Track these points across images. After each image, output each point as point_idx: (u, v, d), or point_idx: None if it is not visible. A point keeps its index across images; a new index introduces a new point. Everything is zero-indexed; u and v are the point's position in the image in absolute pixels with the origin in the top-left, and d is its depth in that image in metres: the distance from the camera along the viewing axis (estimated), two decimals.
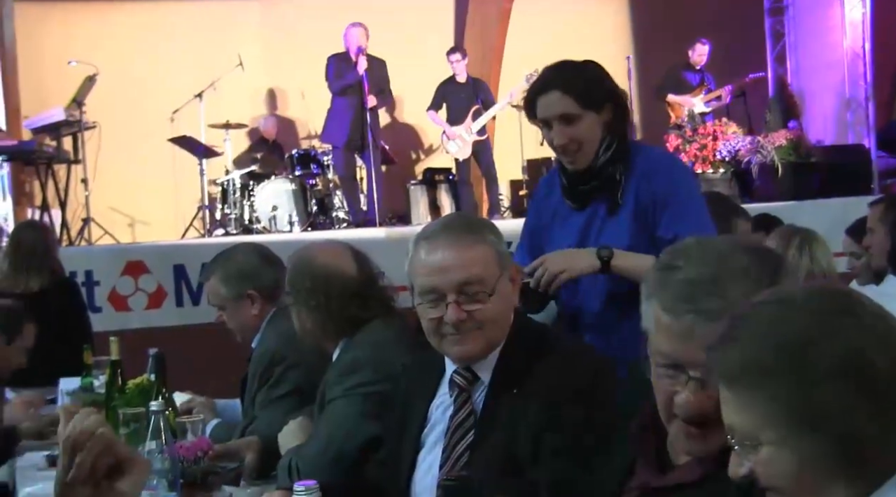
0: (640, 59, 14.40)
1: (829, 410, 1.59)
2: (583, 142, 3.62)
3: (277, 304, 4.35)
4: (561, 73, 3.68)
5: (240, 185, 11.71)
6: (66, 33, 12.70)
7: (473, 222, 2.98)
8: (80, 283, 9.01)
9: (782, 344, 1.63)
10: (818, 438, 1.60)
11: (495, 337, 2.84)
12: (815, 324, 1.64)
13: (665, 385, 2.06)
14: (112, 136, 11.56)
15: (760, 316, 1.69)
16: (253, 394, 4.23)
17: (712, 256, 2.06)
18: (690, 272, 2.04)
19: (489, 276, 2.81)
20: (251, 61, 12.78)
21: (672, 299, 2.02)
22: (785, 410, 1.61)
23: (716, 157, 11.64)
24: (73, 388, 4.88)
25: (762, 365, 1.63)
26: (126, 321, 9.14)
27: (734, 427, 1.68)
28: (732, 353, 1.67)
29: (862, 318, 1.65)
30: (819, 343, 1.61)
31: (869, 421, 1.59)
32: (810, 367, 1.60)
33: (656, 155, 3.78)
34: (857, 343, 1.61)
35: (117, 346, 4.07)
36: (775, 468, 1.64)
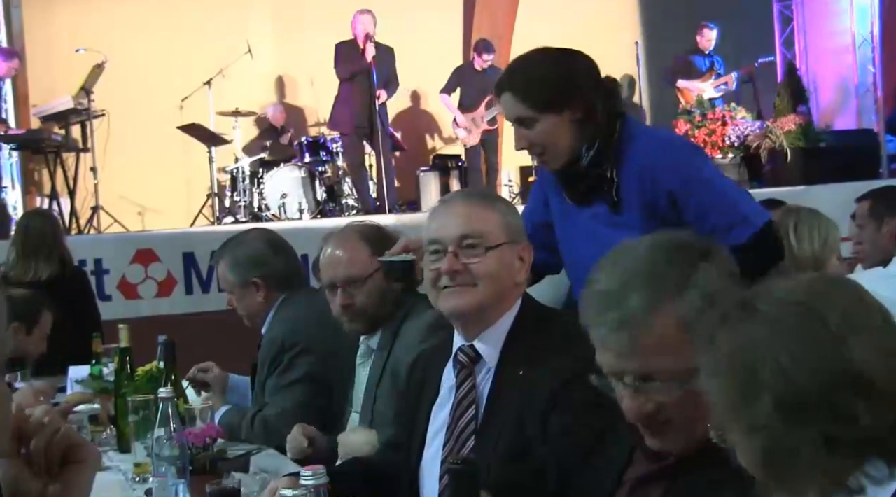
0: (649, 44, 14.35)
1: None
2: (544, 145, 3.44)
3: (285, 291, 4.37)
4: (511, 75, 3.51)
5: (249, 172, 11.72)
6: (73, 21, 12.67)
7: (489, 193, 3.08)
8: (89, 272, 9.02)
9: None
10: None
11: (489, 298, 2.85)
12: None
13: (619, 396, 2.11)
14: (121, 124, 11.56)
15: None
16: (263, 380, 4.25)
17: (620, 268, 2.11)
18: (600, 286, 2.11)
19: (490, 234, 2.86)
20: (260, 48, 12.79)
21: (590, 315, 2.11)
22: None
23: (725, 142, 11.62)
24: (83, 376, 4.89)
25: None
26: (136, 309, 9.15)
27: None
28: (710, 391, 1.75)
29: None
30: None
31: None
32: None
33: (654, 147, 3.48)
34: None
35: (127, 334, 4.08)
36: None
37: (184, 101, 12.24)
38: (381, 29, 11.50)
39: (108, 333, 5.10)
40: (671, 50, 13.46)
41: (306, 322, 4.22)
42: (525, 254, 2.91)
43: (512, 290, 2.89)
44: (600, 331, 2.07)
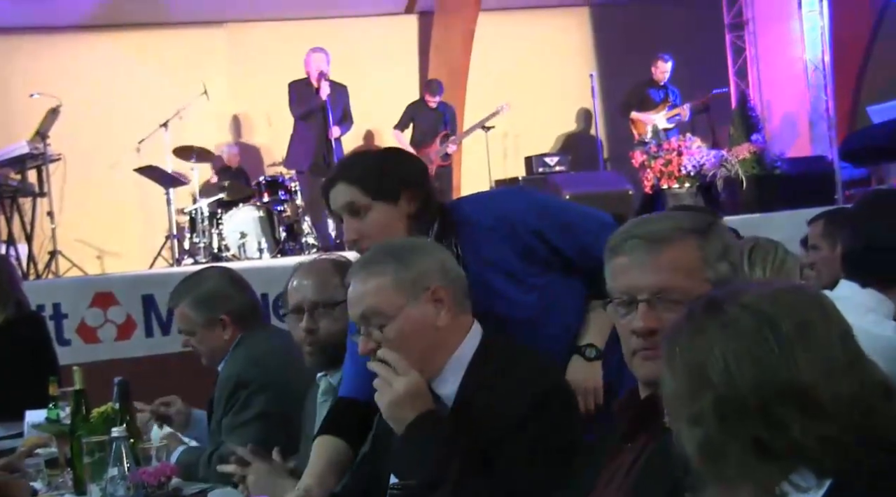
0: (604, 76, 14.49)
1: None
2: (374, 235, 3.29)
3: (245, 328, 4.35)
4: (344, 167, 3.49)
5: (208, 213, 11.69)
6: (28, 66, 12.68)
7: (376, 256, 2.96)
8: (48, 316, 8.95)
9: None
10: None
11: (415, 364, 2.83)
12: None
13: (625, 324, 2.29)
14: (77, 167, 11.51)
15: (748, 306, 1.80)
16: (219, 418, 4.22)
17: (650, 216, 2.44)
18: (632, 220, 2.42)
19: (384, 307, 2.86)
20: (216, 89, 12.79)
21: (618, 241, 2.34)
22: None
23: (681, 172, 11.70)
24: (39, 420, 4.85)
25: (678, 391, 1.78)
26: (95, 353, 9.07)
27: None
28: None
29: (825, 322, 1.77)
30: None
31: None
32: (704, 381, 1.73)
33: (492, 204, 3.43)
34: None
35: (81, 376, 4.05)
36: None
37: (140, 143, 12.23)
38: (337, 67, 11.55)
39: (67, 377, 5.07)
40: (627, 81, 13.58)
41: (263, 359, 4.20)
42: (441, 294, 2.87)
43: (441, 335, 2.88)
44: (629, 247, 2.29)
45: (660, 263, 2.26)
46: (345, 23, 14.09)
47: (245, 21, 13.97)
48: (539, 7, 15.08)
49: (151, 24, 13.53)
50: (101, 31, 13.37)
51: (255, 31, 14.00)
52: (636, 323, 2.24)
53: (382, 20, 14.52)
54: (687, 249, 2.28)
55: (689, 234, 2.30)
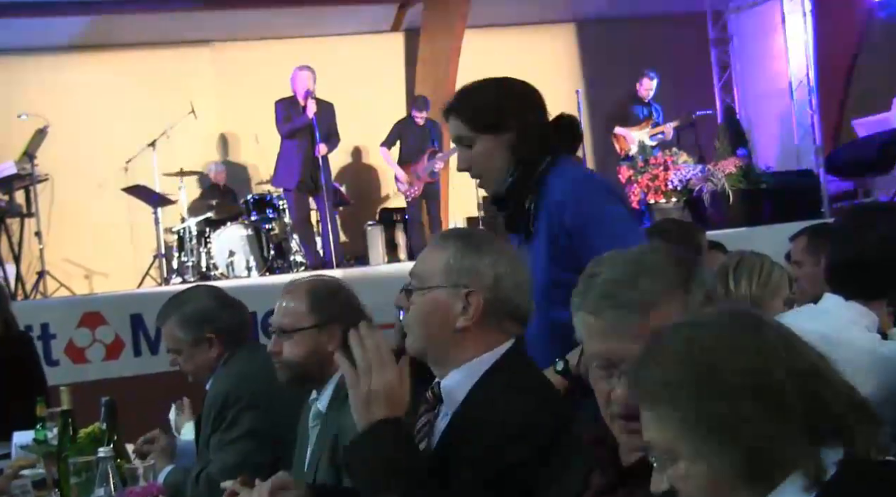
0: (590, 92, 14.53)
1: (735, 423, 1.70)
2: (480, 166, 3.65)
3: (232, 346, 4.36)
4: (456, 99, 3.75)
5: (196, 232, 11.70)
6: (14, 86, 12.68)
7: (456, 232, 3.08)
8: (36, 337, 8.94)
9: (695, 363, 1.75)
10: (728, 449, 1.71)
11: (419, 340, 2.87)
12: (727, 344, 1.76)
13: (602, 387, 2.17)
14: (65, 187, 11.55)
15: (677, 337, 1.81)
16: (207, 436, 4.22)
17: (629, 258, 2.22)
18: (608, 274, 2.19)
19: (425, 276, 2.87)
20: (203, 108, 12.80)
21: (594, 300, 2.16)
22: (696, 424, 1.72)
23: (668, 186, 11.74)
24: (27, 441, 4.85)
25: (675, 382, 1.75)
26: (84, 373, 9.07)
27: (654, 443, 1.78)
28: (648, 372, 1.80)
29: (769, 337, 1.78)
30: (731, 362, 1.73)
31: (774, 434, 1.70)
32: (718, 383, 1.72)
33: (566, 185, 3.59)
34: (764, 361, 1.73)
35: (68, 396, 4.05)
36: (691, 481, 1.74)
37: (128, 162, 12.24)
38: (324, 85, 11.56)
39: (55, 398, 5.05)
40: (613, 97, 13.61)
41: (251, 377, 4.20)
42: (473, 300, 2.82)
43: (454, 336, 2.84)
44: (609, 314, 2.14)
45: (643, 331, 2.06)
46: (331, 41, 14.13)
47: (231, 40, 14.00)
48: (525, 24, 15.12)
49: (138, 44, 13.55)
50: (88, 51, 13.38)
51: (242, 50, 14.02)
52: (619, 395, 2.11)
53: (369, 38, 14.55)
54: (670, 311, 2.12)
55: (672, 293, 2.15)
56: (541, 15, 15.12)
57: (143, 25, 13.12)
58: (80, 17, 12.91)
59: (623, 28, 15.03)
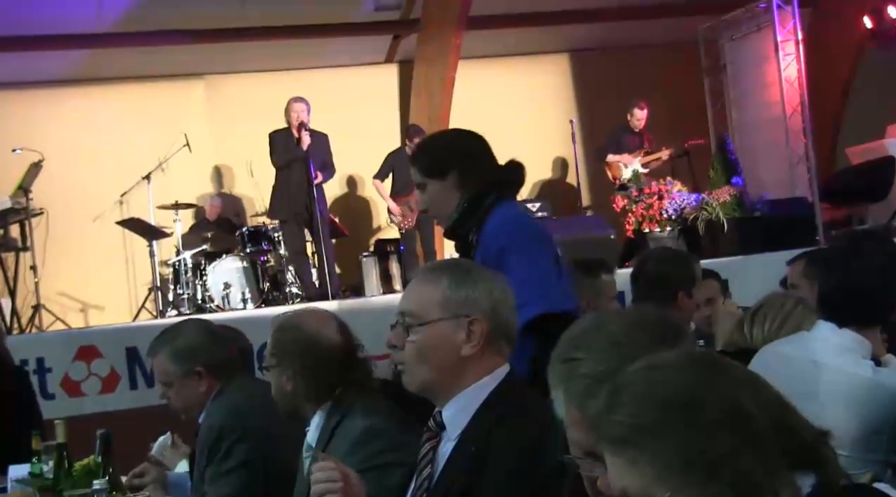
0: (584, 122, 14.61)
1: (718, 459, 1.66)
2: (433, 207, 4.27)
3: (224, 379, 4.36)
4: (414, 149, 4.41)
5: (191, 264, 11.70)
6: (9, 121, 12.70)
7: (446, 265, 3.13)
8: (31, 371, 8.94)
9: (666, 401, 1.70)
10: (710, 485, 1.66)
11: (424, 375, 2.91)
12: (694, 380, 1.73)
13: (587, 472, 2.12)
14: (60, 221, 11.54)
15: (640, 380, 1.76)
16: (202, 469, 4.22)
17: (611, 344, 2.14)
18: (591, 366, 2.12)
19: (421, 311, 2.91)
20: (198, 140, 12.82)
21: (579, 395, 2.11)
22: (676, 464, 1.67)
23: (662, 216, 11.77)
24: (23, 474, 4.83)
25: (649, 423, 1.70)
26: (80, 407, 9.06)
27: (627, 490, 1.72)
28: (617, 417, 1.73)
29: (731, 371, 1.76)
30: (702, 397, 1.70)
31: (754, 464, 1.67)
32: (696, 420, 1.68)
33: (499, 221, 4.13)
34: (734, 394, 1.71)
35: (63, 430, 4.06)
36: None
37: (123, 196, 12.26)
38: (318, 116, 11.59)
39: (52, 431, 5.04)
40: (606, 126, 13.63)
41: (242, 409, 4.21)
42: (476, 327, 2.88)
43: (460, 364, 2.89)
44: (589, 409, 2.06)
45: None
46: (325, 73, 14.17)
47: (225, 73, 14.04)
48: (519, 54, 15.17)
49: (131, 78, 13.58)
50: (81, 85, 13.41)
51: (235, 82, 14.06)
52: (605, 484, 1.95)
53: (362, 70, 14.60)
54: None
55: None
56: (534, 45, 15.17)
57: (136, 59, 13.16)
58: (73, 51, 12.95)
59: (616, 57, 15.08)
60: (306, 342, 3.68)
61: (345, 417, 3.55)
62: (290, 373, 3.67)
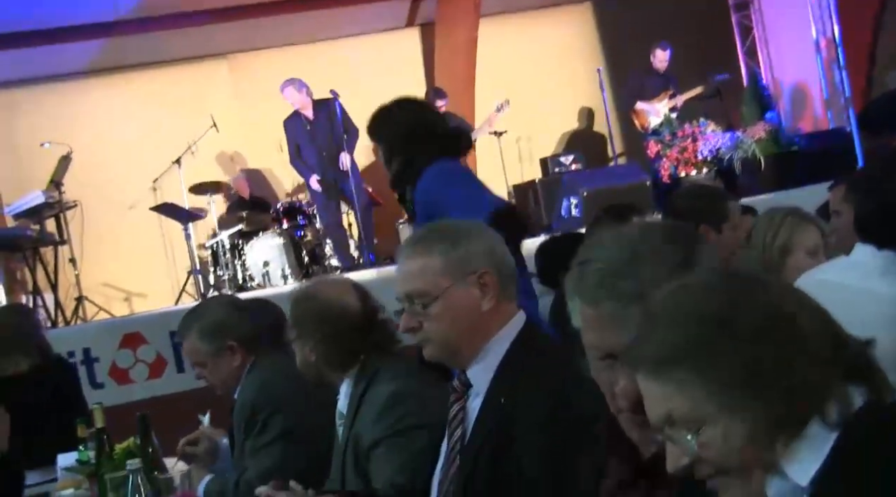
0: (612, 69, 14.40)
1: (769, 368, 1.59)
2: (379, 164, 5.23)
3: (257, 351, 4.33)
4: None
5: (229, 245, 11.71)
6: (35, 116, 12.72)
7: (427, 235, 3.00)
8: (79, 362, 9.00)
9: (707, 316, 1.64)
10: (761, 398, 1.60)
11: (451, 343, 2.89)
12: (731, 294, 1.66)
13: (605, 378, 2.05)
14: (95, 212, 11.57)
15: (674, 300, 1.70)
16: (241, 443, 4.21)
17: (624, 242, 2.06)
18: (602, 262, 2.04)
19: (430, 286, 2.86)
20: (225, 120, 12.82)
21: (590, 291, 2.03)
22: (725, 379, 1.61)
23: (697, 158, 11.63)
24: (70, 463, 4.84)
25: (692, 341, 1.63)
26: (129, 394, 9.10)
27: (673, 415, 1.65)
28: (653, 340, 1.67)
29: (768, 283, 1.70)
30: (741, 307, 1.63)
31: (807, 371, 1.60)
32: (741, 330, 1.61)
33: (428, 175, 4.90)
34: (775, 301, 1.65)
35: (101, 414, 4.04)
36: (724, 443, 1.62)
37: (155, 182, 12.25)
38: (344, 85, 11.55)
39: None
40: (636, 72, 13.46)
41: (276, 382, 4.20)
42: (487, 278, 2.86)
43: (483, 320, 2.86)
44: (604, 306, 2.00)
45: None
46: (346, 42, 14.08)
47: (247, 51, 13.97)
48: (540, 7, 15.02)
49: (154, 63, 13.54)
50: (105, 74, 13.39)
51: (258, 59, 13.99)
52: (624, 387, 1.97)
53: (384, 36, 14.49)
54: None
55: (671, 276, 1.92)
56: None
57: (157, 44, 13.12)
58: (93, 41, 12.92)
59: (640, 1, 14.88)
60: (324, 311, 3.65)
61: (370, 384, 3.52)
62: (311, 343, 3.66)
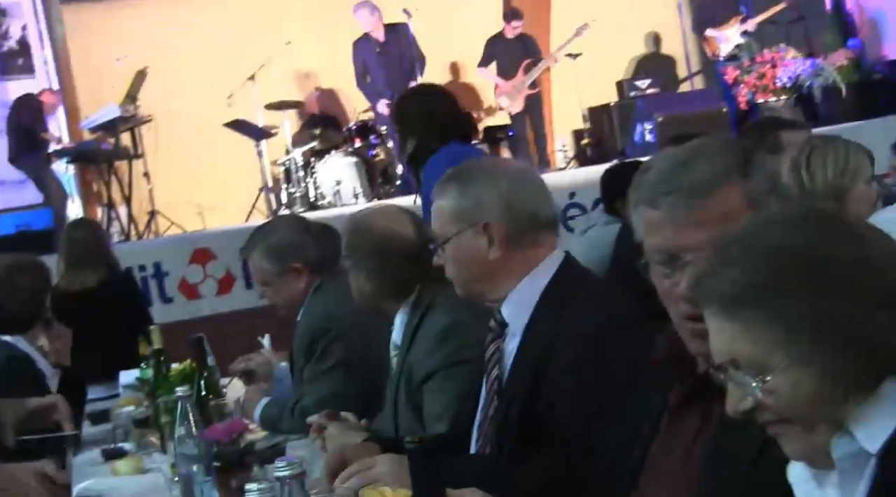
0: None
1: (848, 321, 1.52)
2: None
3: (322, 275, 4.32)
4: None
5: (301, 162, 11.73)
6: (114, 30, 12.74)
7: (445, 180, 2.97)
8: (149, 276, 9.12)
9: (788, 257, 1.56)
10: (840, 352, 1.53)
11: (466, 286, 2.92)
12: (818, 234, 1.58)
13: (665, 286, 2.04)
14: (169, 127, 11.64)
15: (755, 234, 1.62)
16: (300, 368, 4.22)
17: (683, 148, 2.10)
18: (662, 164, 2.08)
19: (440, 229, 2.90)
20: (301, 39, 12.78)
21: (650, 192, 2.05)
22: (799, 328, 1.53)
23: (776, 84, 11.39)
24: (131, 380, 4.89)
25: (770, 282, 1.55)
26: (198, 309, 9.21)
27: (738, 358, 1.59)
28: (727, 276, 1.59)
29: (854, 225, 1.61)
30: (828, 251, 1.55)
31: (890, 327, 1.52)
32: (823, 277, 1.53)
33: (436, 158, 5.47)
34: (861, 247, 1.56)
35: (158, 335, 4.08)
36: (792, 392, 1.55)
37: (229, 98, 12.23)
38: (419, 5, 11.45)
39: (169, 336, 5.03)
40: None
41: (340, 308, 4.14)
42: (494, 230, 2.81)
43: (493, 267, 2.83)
44: (665, 203, 2.01)
45: (703, 219, 1.98)
46: None
47: None
48: None
49: None
50: None
51: None
52: (685, 289, 1.95)
53: None
54: (730, 196, 2.01)
55: (730, 176, 2.02)
56: None
57: None
58: None
59: None
60: (379, 239, 3.61)
61: (426, 314, 3.48)
62: (366, 272, 3.62)
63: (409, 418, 3.43)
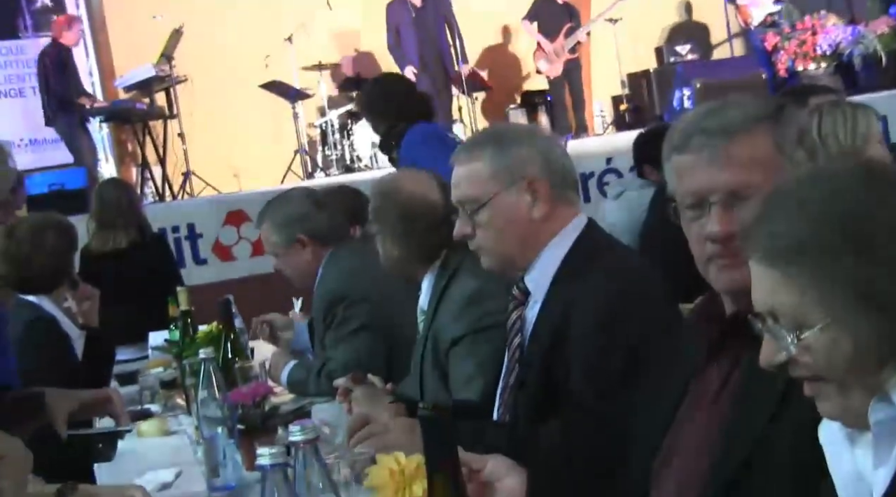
0: None
1: (891, 285, 1.48)
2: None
3: (332, 244, 4.32)
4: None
5: (338, 125, 11.69)
6: None
7: (479, 140, 2.97)
8: (183, 237, 9.12)
9: (836, 218, 1.52)
10: (879, 321, 1.49)
11: (503, 253, 2.86)
12: (870, 197, 1.53)
13: (696, 231, 2.05)
14: (204, 87, 11.60)
15: (804, 189, 1.59)
16: (321, 335, 4.22)
17: (715, 104, 2.11)
18: (693, 115, 2.12)
19: (478, 192, 2.83)
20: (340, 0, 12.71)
21: (679, 138, 2.08)
22: (840, 290, 1.50)
23: (816, 52, 11.25)
24: (160, 342, 4.90)
25: (821, 240, 1.52)
26: (232, 271, 9.21)
27: (776, 308, 1.56)
28: (776, 227, 1.57)
29: None
30: (878, 215, 1.51)
31: None
32: (870, 241, 1.50)
33: (409, 137, 6.01)
34: None
35: (186, 297, 4.09)
36: (827, 352, 1.52)
37: (266, 58, 12.18)
38: None
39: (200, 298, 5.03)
40: None
41: (355, 273, 4.19)
42: (538, 186, 2.80)
43: (535, 227, 2.81)
44: (695, 144, 2.04)
45: (731, 159, 2.01)
46: None
47: None
48: None
49: None
50: None
51: None
52: (712, 227, 2.00)
53: None
54: (759, 140, 2.03)
55: (760, 122, 2.04)
56: None
57: None
58: None
59: None
60: (405, 204, 3.57)
61: (452, 279, 3.46)
62: (393, 237, 3.59)
63: (435, 383, 3.42)
